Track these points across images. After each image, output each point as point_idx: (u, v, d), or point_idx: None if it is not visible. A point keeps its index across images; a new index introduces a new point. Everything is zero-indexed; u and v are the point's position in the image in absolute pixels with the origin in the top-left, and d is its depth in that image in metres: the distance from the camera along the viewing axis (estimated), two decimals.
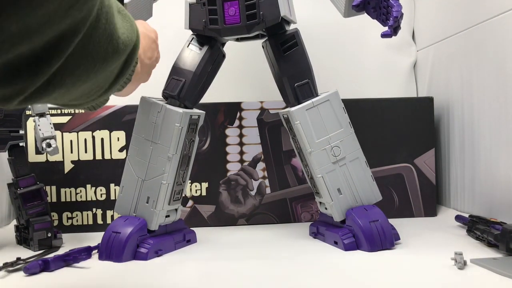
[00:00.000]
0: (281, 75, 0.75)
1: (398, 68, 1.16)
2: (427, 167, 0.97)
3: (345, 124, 0.75)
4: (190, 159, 0.77)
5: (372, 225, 0.70)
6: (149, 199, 0.73)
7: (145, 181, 0.73)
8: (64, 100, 0.38)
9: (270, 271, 0.62)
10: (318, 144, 0.73)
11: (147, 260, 0.69)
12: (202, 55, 0.75)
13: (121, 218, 0.73)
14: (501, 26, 0.79)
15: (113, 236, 0.70)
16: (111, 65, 0.38)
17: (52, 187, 0.91)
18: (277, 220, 0.95)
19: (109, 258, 0.69)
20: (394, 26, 0.66)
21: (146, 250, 0.69)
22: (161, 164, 0.72)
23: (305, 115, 0.73)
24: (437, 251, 0.67)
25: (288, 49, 0.75)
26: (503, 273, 0.55)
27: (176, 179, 0.74)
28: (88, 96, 0.39)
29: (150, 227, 0.72)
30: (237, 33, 0.74)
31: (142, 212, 0.73)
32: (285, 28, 0.76)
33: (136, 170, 0.74)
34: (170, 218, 0.76)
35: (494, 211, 0.82)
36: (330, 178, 0.73)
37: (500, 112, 0.80)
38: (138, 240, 0.70)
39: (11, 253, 0.74)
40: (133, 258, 0.69)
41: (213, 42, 0.76)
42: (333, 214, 0.74)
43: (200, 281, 0.59)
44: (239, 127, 0.95)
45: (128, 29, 0.40)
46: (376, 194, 0.76)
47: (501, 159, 0.80)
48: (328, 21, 1.10)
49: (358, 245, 0.71)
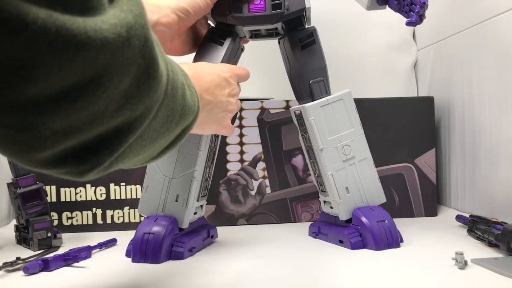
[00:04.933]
0: (297, 70, 0.75)
1: (399, 67, 1.16)
2: (428, 167, 0.96)
3: (356, 124, 0.75)
4: (215, 154, 0.77)
5: (379, 225, 0.70)
6: (179, 197, 0.71)
7: (173, 179, 0.72)
8: None
9: (272, 270, 0.62)
10: (330, 141, 0.74)
11: (184, 259, 0.68)
12: (225, 49, 0.73)
13: (150, 218, 0.71)
14: (501, 25, 0.79)
15: (146, 237, 0.68)
16: (162, 143, 0.39)
17: (52, 186, 0.91)
18: (277, 220, 0.95)
19: (144, 260, 0.67)
20: (421, 13, 0.66)
21: (182, 249, 0.68)
22: (191, 160, 0.71)
23: (319, 112, 0.73)
24: (437, 251, 0.67)
25: (306, 46, 0.75)
26: (504, 273, 0.55)
27: (204, 175, 0.73)
28: (141, 163, 0.40)
29: (182, 225, 0.71)
30: (260, 22, 0.74)
31: (171, 211, 0.71)
32: (304, 24, 0.76)
33: (163, 169, 0.72)
34: (197, 214, 0.75)
35: (494, 211, 0.82)
36: (339, 176, 0.73)
37: (500, 112, 0.80)
38: (172, 240, 0.69)
39: (11, 252, 0.74)
40: (169, 258, 0.68)
41: (234, 35, 0.75)
42: (339, 213, 0.74)
43: (200, 281, 0.59)
44: (239, 126, 0.95)
45: (192, 105, 0.41)
46: (381, 196, 0.76)
47: (502, 158, 0.80)
48: (328, 20, 1.10)
49: (364, 244, 0.71)
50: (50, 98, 0.26)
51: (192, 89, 0.42)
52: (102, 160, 0.31)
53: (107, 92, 0.28)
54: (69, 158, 0.30)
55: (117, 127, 0.31)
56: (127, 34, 0.28)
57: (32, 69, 0.25)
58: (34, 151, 0.28)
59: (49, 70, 0.25)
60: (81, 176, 0.32)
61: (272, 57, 0.91)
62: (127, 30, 0.28)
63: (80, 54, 0.25)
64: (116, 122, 0.30)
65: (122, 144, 0.32)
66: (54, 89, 0.26)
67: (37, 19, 0.23)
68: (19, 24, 0.23)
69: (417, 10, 0.66)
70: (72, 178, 0.32)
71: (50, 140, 0.28)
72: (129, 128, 0.32)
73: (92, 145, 0.30)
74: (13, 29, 0.23)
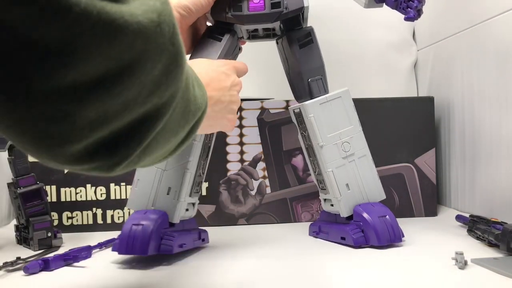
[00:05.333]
0: (296, 69, 0.76)
1: (399, 67, 1.16)
2: (428, 167, 0.96)
3: (355, 121, 0.76)
4: (210, 149, 0.76)
5: (381, 220, 0.71)
6: (171, 189, 0.70)
7: (165, 171, 0.70)
8: None
9: (272, 270, 0.62)
10: (329, 138, 0.74)
11: (173, 253, 0.66)
12: (222, 46, 0.73)
13: (139, 212, 0.69)
14: (501, 25, 0.79)
15: (134, 228, 0.65)
16: (181, 135, 0.38)
17: (52, 186, 0.91)
18: (277, 220, 0.95)
19: (131, 252, 0.65)
20: (419, 7, 0.67)
21: (171, 243, 0.66)
22: (185, 151, 0.70)
23: (319, 110, 0.74)
24: (437, 251, 0.67)
25: (304, 45, 0.76)
26: (504, 273, 0.55)
27: (198, 170, 0.72)
28: (160, 160, 0.40)
29: (172, 219, 0.69)
30: (260, 20, 0.74)
31: (162, 205, 0.70)
32: (302, 24, 0.77)
33: None
34: (189, 212, 0.73)
35: (494, 210, 0.82)
36: (340, 173, 0.74)
37: (500, 112, 0.80)
38: (162, 233, 0.67)
39: (11, 252, 0.74)
40: (158, 251, 0.66)
41: (232, 33, 0.75)
42: (340, 209, 0.74)
43: (200, 281, 0.59)
44: (239, 126, 0.95)
45: (200, 97, 0.40)
46: (381, 192, 0.77)
47: (502, 158, 0.80)
48: (328, 20, 1.10)
49: (366, 239, 0.71)
50: (87, 85, 0.26)
51: (198, 80, 0.42)
52: (132, 151, 0.31)
53: (141, 78, 0.28)
54: (100, 150, 0.30)
55: (145, 114, 0.31)
56: (158, 20, 0.28)
57: (73, 53, 0.24)
58: (68, 144, 0.28)
59: (89, 54, 0.25)
60: (111, 170, 0.31)
61: (271, 57, 0.91)
62: (158, 15, 0.28)
63: (118, 38, 0.25)
64: (145, 109, 0.30)
65: (150, 132, 0.32)
66: (91, 75, 0.26)
67: (80, 1, 0.23)
68: (64, 6, 0.23)
69: (415, 5, 0.67)
70: (101, 174, 0.32)
71: (85, 130, 0.28)
72: (156, 116, 0.32)
73: (122, 135, 0.30)
74: (59, 10, 0.23)
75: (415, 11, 0.68)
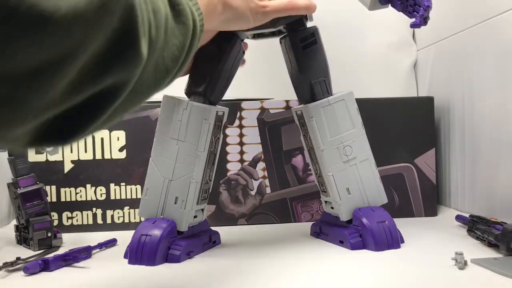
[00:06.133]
0: (299, 71, 0.75)
1: (399, 67, 1.16)
2: (428, 167, 0.96)
3: (358, 124, 0.75)
4: (216, 157, 0.75)
5: (379, 225, 0.70)
6: (178, 199, 0.70)
7: (172, 181, 0.71)
8: None
9: (272, 270, 0.62)
10: (331, 142, 0.73)
11: (180, 262, 0.67)
12: (225, 51, 0.73)
13: (149, 221, 0.70)
14: (501, 25, 0.79)
15: (143, 238, 0.67)
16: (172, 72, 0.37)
17: (52, 186, 0.91)
18: (277, 220, 0.95)
19: (140, 262, 0.66)
20: (425, 15, 0.66)
21: (178, 252, 0.67)
22: (190, 162, 0.70)
23: (320, 113, 0.73)
24: (437, 251, 0.67)
25: (307, 46, 0.75)
26: (504, 273, 0.55)
27: (204, 178, 0.72)
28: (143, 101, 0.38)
29: (180, 228, 0.70)
30: (263, 26, 0.72)
31: (170, 213, 0.71)
32: (305, 24, 0.76)
33: (162, 171, 0.71)
34: (198, 218, 0.74)
35: (494, 211, 0.82)
36: (340, 177, 0.73)
37: (500, 112, 0.80)
38: (169, 242, 0.68)
39: (11, 252, 0.74)
40: (165, 261, 0.67)
41: (234, 38, 0.74)
42: (340, 213, 0.74)
43: (200, 281, 0.59)
44: (239, 126, 0.95)
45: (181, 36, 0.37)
46: (383, 197, 0.76)
47: (501, 158, 0.80)
48: (327, 20, 1.10)
49: (364, 244, 0.71)
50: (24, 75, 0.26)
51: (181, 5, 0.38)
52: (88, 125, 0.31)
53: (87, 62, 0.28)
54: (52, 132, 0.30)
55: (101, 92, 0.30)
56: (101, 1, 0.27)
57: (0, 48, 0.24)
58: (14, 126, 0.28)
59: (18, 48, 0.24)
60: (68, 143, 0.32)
61: (272, 57, 0.91)
62: None
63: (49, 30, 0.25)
64: (99, 88, 0.30)
65: (107, 108, 0.31)
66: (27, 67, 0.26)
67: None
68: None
69: (421, 13, 0.66)
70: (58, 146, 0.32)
71: (30, 115, 0.28)
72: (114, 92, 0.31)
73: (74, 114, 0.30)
74: None
75: (421, 18, 0.67)
